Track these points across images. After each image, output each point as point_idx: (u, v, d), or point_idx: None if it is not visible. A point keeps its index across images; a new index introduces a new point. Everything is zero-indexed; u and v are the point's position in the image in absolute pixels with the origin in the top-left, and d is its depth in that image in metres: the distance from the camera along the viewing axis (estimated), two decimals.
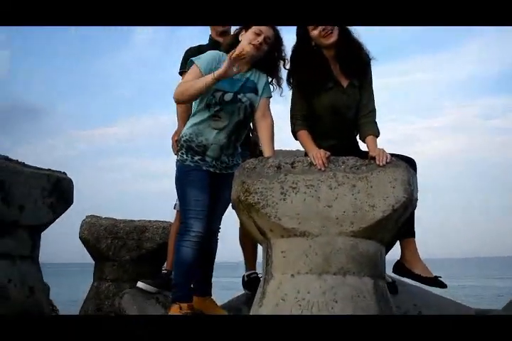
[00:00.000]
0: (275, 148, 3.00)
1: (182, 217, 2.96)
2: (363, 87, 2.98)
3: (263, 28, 2.95)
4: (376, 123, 2.96)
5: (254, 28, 2.95)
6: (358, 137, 3.04)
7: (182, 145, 2.98)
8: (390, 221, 2.41)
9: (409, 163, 2.61)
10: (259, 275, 3.38)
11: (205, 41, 3.79)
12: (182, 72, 3.65)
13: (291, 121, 2.94)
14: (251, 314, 2.47)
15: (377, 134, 2.90)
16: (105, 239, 4.30)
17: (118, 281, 4.20)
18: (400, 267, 2.76)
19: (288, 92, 3.05)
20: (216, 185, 2.98)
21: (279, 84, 3.09)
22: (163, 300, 3.15)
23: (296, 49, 3.01)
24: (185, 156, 2.96)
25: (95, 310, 4.10)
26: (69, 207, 3.36)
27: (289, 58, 3.05)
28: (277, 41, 3.02)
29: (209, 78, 2.78)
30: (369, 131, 2.90)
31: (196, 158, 2.94)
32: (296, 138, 2.92)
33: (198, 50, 3.60)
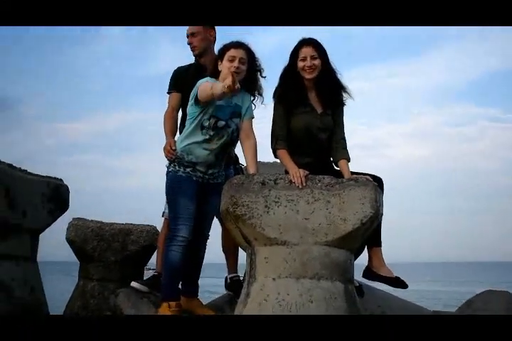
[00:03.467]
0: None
1: (171, 223, 3.27)
2: (335, 116, 3.38)
3: (233, 52, 3.25)
4: (347, 149, 3.35)
5: (226, 56, 3.26)
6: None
7: (173, 161, 3.29)
8: (359, 233, 2.78)
9: (377, 182, 2.98)
10: (241, 278, 3.72)
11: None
12: (170, 93, 3.92)
13: (271, 140, 3.29)
14: (235, 313, 2.80)
15: (349, 159, 3.31)
16: (91, 241, 4.51)
17: (103, 281, 4.41)
18: (368, 272, 3.14)
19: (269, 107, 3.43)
20: (204, 193, 3.30)
21: (259, 93, 3.42)
22: (153, 299, 3.44)
23: (285, 69, 3.40)
24: (177, 168, 3.27)
25: (81, 308, 4.34)
26: (65, 211, 3.63)
27: (263, 68, 3.41)
28: (250, 56, 3.32)
29: (219, 92, 2.97)
30: (342, 156, 3.30)
31: (188, 169, 3.26)
32: (276, 156, 3.28)
33: (187, 71, 3.89)
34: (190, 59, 4.02)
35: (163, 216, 3.86)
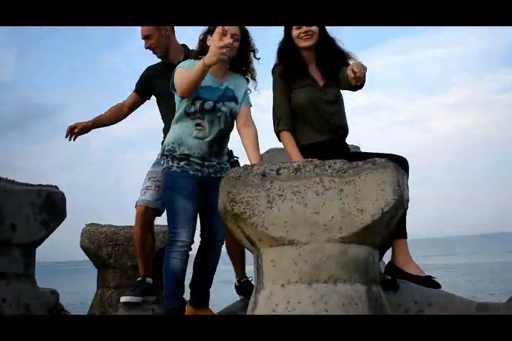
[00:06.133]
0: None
1: (169, 227, 2.95)
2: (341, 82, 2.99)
3: (226, 26, 2.86)
4: None
5: (218, 29, 2.87)
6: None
7: (166, 156, 2.95)
8: (381, 224, 2.35)
9: (400, 163, 2.55)
10: (250, 279, 3.35)
11: None
12: (137, 91, 3.64)
13: (273, 122, 2.94)
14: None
15: None
16: (106, 247, 4.31)
17: (121, 288, 4.23)
18: (392, 268, 2.72)
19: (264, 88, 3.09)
20: (206, 191, 2.93)
21: (252, 77, 3.05)
22: (158, 311, 3.12)
23: (280, 43, 3.04)
24: (170, 163, 2.93)
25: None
26: (62, 221, 3.33)
27: (257, 48, 3.06)
28: (244, 34, 2.95)
29: (200, 65, 2.69)
30: None
31: (182, 163, 2.91)
32: (280, 139, 2.92)
33: (154, 68, 3.60)
34: None
35: (136, 206, 3.45)
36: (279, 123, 2.88)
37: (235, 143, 3.11)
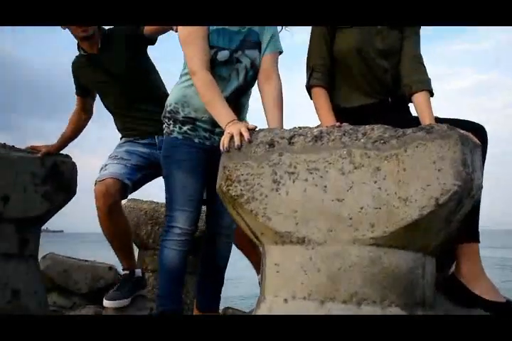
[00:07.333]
0: None
1: (166, 209, 2.35)
2: (405, 29, 2.16)
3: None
4: (427, 74, 2.12)
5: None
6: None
7: (168, 118, 2.34)
8: (435, 221, 1.59)
9: (474, 133, 1.73)
10: None
11: None
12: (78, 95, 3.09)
13: (306, 72, 2.20)
14: None
15: (431, 91, 2.07)
16: (145, 226, 3.88)
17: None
18: (452, 284, 1.91)
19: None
20: (216, 165, 2.28)
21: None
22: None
23: None
24: (171, 127, 2.31)
25: None
26: (71, 194, 2.88)
27: None
28: None
29: (221, 120, 2.00)
30: (420, 85, 2.07)
31: (185, 127, 2.28)
32: (311, 97, 2.19)
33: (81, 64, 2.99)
34: None
35: (96, 182, 2.62)
36: (311, 75, 2.15)
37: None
